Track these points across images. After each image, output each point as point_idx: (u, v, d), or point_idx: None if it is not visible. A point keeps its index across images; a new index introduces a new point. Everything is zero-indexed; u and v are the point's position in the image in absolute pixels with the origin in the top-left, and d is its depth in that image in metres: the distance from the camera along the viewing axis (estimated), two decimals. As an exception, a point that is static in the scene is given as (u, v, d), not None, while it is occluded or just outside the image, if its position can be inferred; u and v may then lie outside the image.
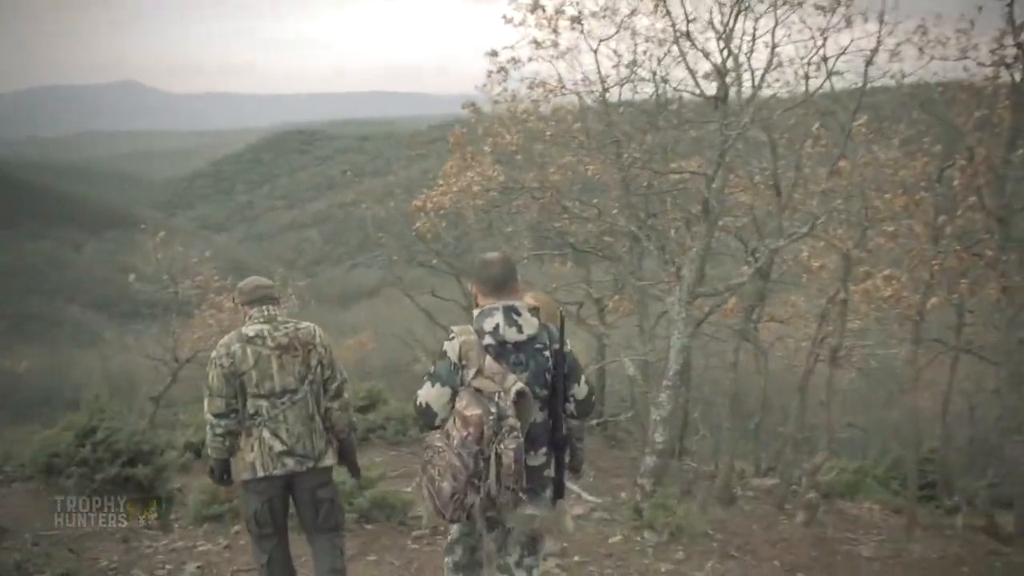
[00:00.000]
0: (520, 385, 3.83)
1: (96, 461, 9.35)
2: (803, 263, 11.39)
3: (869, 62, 8.97)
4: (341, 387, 5.28)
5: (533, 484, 4.03)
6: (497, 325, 3.98)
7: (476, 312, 4.12)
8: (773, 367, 13.71)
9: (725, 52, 8.82)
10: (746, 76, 9.20)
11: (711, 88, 9.47)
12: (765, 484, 12.21)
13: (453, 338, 4.02)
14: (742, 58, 9.33)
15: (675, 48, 9.51)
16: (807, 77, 9.72)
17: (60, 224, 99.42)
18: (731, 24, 8.93)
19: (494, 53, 11.20)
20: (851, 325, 11.73)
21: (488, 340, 3.95)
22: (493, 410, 3.76)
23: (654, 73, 9.99)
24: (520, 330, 4.00)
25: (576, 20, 10.52)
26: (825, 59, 9.50)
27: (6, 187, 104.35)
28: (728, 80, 8.93)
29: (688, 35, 9.04)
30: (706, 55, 8.95)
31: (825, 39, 9.28)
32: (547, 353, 4.07)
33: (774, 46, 8.96)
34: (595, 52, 10.64)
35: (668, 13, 9.12)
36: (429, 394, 3.97)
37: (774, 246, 8.87)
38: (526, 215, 12.12)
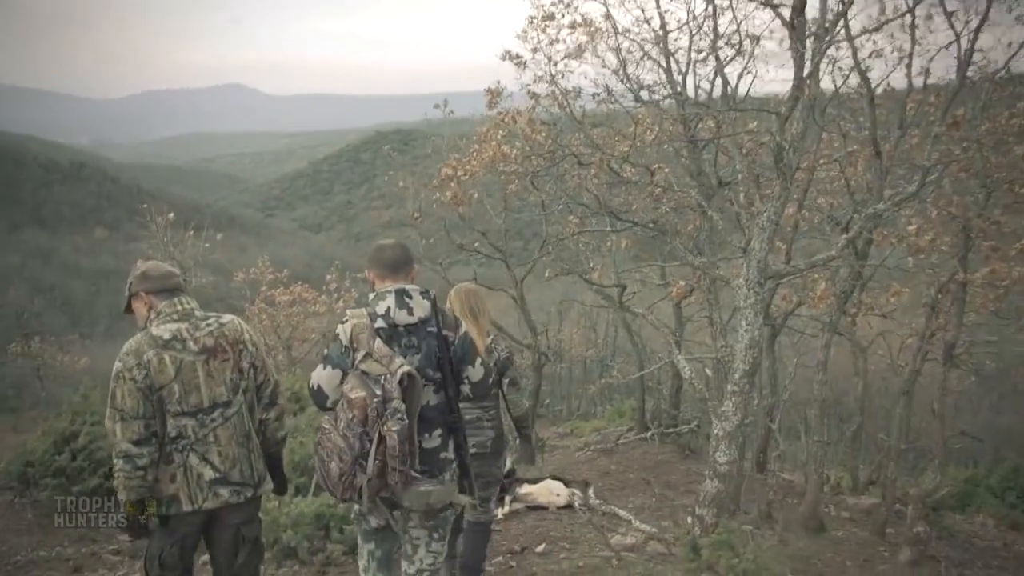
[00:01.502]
0: (406, 368, 3.79)
1: (75, 471, 8.51)
2: (910, 242, 9.24)
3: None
4: (275, 392, 4.46)
5: (429, 467, 3.99)
6: (388, 308, 3.97)
7: (372, 296, 4.09)
8: (874, 367, 12.01)
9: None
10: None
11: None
12: (863, 503, 10.65)
13: (346, 321, 3.98)
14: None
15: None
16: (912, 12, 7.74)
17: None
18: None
19: (536, -8, 9.60)
20: (968, 318, 9.82)
21: (379, 323, 3.94)
22: (378, 392, 3.73)
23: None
24: (411, 312, 3.99)
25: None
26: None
27: (111, 189, 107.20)
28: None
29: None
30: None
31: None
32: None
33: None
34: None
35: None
36: (321, 376, 3.93)
37: (870, 211, 6.97)
38: (572, 184, 10.33)
